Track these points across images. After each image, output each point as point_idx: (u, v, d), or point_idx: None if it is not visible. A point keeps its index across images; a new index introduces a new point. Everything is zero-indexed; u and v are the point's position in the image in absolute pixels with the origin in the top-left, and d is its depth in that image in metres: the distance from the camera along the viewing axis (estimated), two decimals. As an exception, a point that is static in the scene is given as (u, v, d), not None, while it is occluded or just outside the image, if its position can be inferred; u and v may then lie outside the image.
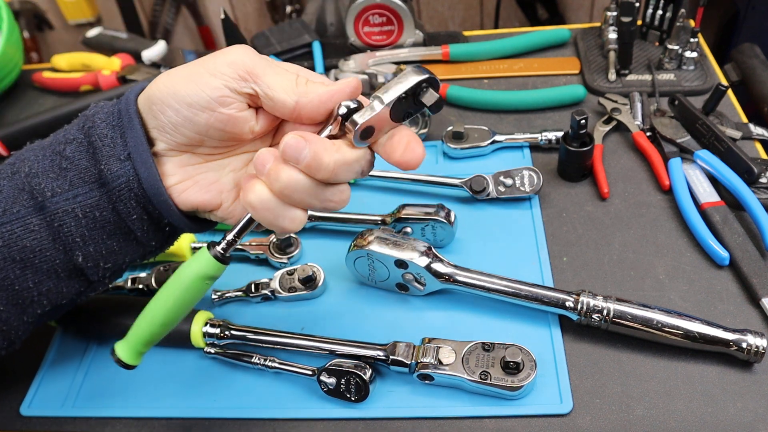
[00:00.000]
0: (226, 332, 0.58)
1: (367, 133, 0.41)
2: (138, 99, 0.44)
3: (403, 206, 0.65)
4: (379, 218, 0.66)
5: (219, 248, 0.45)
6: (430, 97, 0.41)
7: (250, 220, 0.45)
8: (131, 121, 0.43)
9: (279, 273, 0.64)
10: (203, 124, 0.43)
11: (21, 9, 1.53)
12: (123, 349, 0.47)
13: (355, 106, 0.42)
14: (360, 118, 0.41)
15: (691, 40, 0.81)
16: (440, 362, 0.53)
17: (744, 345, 0.52)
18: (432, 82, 0.41)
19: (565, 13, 1.56)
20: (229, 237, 0.45)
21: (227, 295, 0.63)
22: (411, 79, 0.41)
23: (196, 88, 0.42)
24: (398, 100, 0.41)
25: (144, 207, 0.45)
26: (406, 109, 0.42)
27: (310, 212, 0.68)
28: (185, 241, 0.67)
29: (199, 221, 0.49)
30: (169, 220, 0.46)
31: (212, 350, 0.58)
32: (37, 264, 0.45)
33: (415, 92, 0.41)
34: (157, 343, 0.59)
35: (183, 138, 0.44)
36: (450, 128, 0.76)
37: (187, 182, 0.45)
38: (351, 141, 0.42)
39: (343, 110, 0.42)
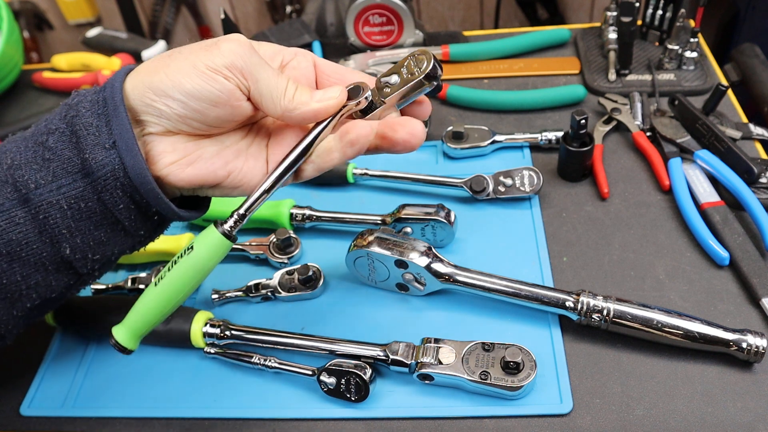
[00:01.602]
0: (226, 332, 0.58)
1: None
2: (127, 86, 0.44)
3: (403, 206, 0.65)
4: (379, 218, 0.66)
5: (227, 226, 0.45)
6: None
7: (263, 194, 0.46)
8: (117, 109, 0.42)
9: (279, 273, 0.64)
10: (213, 117, 0.44)
11: (21, 9, 1.53)
12: (123, 333, 0.46)
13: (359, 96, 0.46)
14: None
15: (691, 40, 0.81)
16: (440, 362, 0.53)
17: (744, 345, 0.52)
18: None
19: (565, 13, 1.56)
20: (241, 211, 0.45)
21: (227, 295, 0.63)
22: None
23: (205, 84, 0.42)
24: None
25: (131, 196, 0.44)
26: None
27: (310, 212, 0.68)
28: (185, 240, 0.67)
29: (187, 207, 0.48)
30: (156, 208, 0.45)
31: (212, 350, 0.58)
32: (24, 257, 0.45)
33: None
34: (156, 344, 0.60)
35: (187, 128, 0.44)
36: (450, 128, 0.76)
37: (191, 156, 0.45)
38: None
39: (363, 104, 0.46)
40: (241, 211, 0.45)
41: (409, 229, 0.65)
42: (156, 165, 0.44)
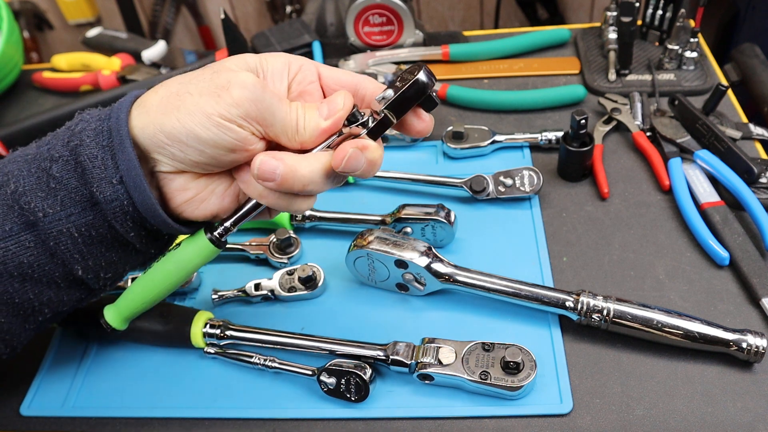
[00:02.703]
0: (226, 332, 0.58)
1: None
2: (135, 122, 0.42)
3: (403, 206, 0.65)
4: (379, 218, 0.66)
5: (216, 233, 0.46)
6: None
7: (250, 210, 0.46)
8: (122, 143, 0.41)
9: (279, 273, 0.64)
10: (228, 161, 0.44)
11: (21, 9, 1.53)
12: (112, 314, 0.50)
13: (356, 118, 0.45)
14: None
15: (691, 40, 0.81)
16: (440, 362, 0.53)
17: (744, 345, 0.52)
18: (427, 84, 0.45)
19: (565, 13, 1.56)
20: (227, 224, 0.46)
21: (227, 295, 0.63)
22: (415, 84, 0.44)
23: (220, 134, 0.41)
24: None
25: (141, 224, 0.45)
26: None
27: (310, 212, 0.68)
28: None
29: (198, 224, 0.48)
30: (167, 232, 0.46)
31: (212, 350, 0.58)
32: (36, 277, 0.45)
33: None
34: (157, 343, 0.60)
35: (200, 170, 0.44)
36: (450, 128, 0.76)
37: (203, 194, 0.45)
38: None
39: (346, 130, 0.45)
40: (227, 224, 0.46)
41: (409, 229, 0.65)
42: (171, 202, 0.45)
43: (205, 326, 0.58)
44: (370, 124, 0.45)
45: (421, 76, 0.44)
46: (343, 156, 0.43)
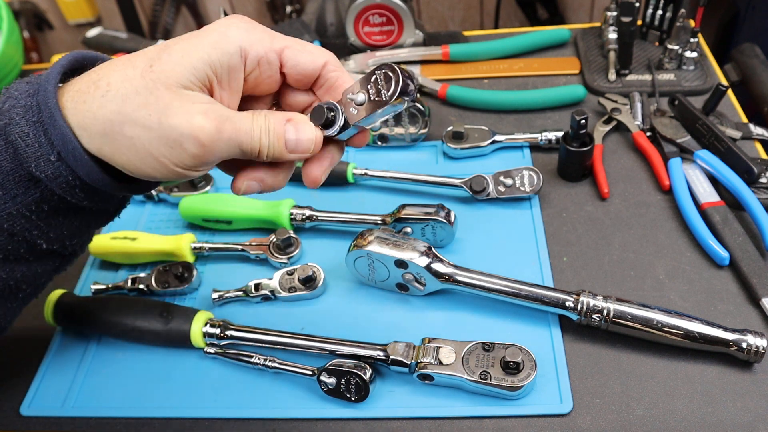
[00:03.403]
0: (226, 332, 0.58)
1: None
2: (72, 121, 0.39)
3: (403, 206, 0.65)
4: (379, 218, 0.66)
5: None
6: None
7: None
8: (52, 117, 0.39)
9: (279, 273, 0.64)
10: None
11: (21, 9, 1.53)
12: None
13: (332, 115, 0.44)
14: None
15: (691, 40, 0.81)
16: (440, 362, 0.53)
17: (744, 345, 0.52)
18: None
19: (565, 13, 1.56)
20: None
21: (227, 295, 0.63)
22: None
23: (171, 176, 0.40)
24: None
25: (92, 192, 0.43)
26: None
27: (310, 212, 0.68)
28: (185, 241, 0.67)
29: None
30: (123, 195, 0.46)
31: (212, 350, 0.58)
32: (2, 258, 0.44)
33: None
34: (157, 343, 0.60)
35: None
36: (450, 128, 0.76)
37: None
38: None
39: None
40: None
41: (409, 229, 0.65)
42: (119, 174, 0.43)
43: (205, 326, 0.58)
44: (340, 124, 0.43)
45: (401, 91, 0.40)
46: (240, 187, 0.44)
